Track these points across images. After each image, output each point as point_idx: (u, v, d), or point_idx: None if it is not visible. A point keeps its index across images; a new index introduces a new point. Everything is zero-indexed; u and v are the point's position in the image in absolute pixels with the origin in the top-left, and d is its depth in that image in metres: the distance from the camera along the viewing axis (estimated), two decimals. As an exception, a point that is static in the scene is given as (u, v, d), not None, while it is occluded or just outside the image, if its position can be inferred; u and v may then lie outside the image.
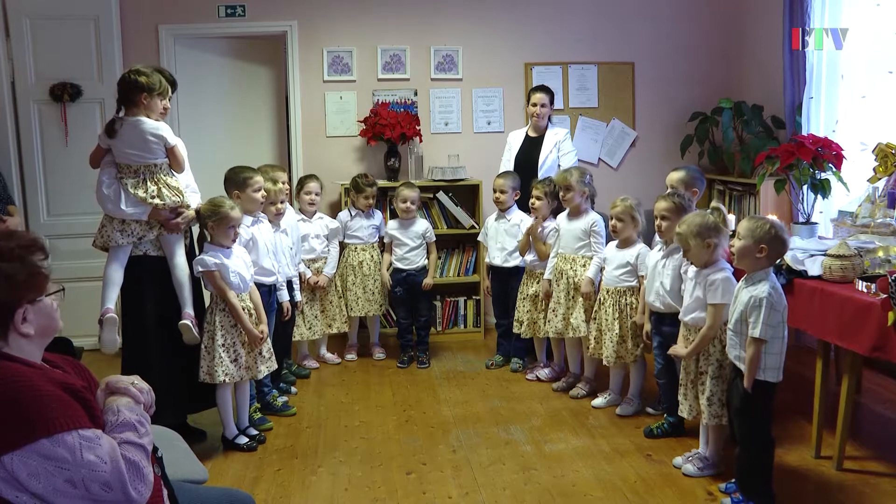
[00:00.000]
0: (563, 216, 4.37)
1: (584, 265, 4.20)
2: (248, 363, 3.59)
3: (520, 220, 4.64)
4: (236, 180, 3.81)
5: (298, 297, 4.39)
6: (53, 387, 1.57)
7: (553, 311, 4.30)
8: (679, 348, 3.29)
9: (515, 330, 4.61)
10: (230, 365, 3.53)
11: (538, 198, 4.44)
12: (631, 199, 3.95)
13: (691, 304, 3.24)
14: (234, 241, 3.56)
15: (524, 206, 4.67)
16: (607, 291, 3.98)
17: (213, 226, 3.50)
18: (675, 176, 3.89)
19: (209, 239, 3.57)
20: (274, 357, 3.75)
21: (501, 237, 4.72)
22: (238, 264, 3.57)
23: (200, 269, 3.47)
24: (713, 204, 3.07)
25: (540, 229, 4.45)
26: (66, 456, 1.50)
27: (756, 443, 2.90)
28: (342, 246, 4.94)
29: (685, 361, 3.28)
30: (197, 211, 3.55)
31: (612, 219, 3.96)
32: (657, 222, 3.56)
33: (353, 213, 4.94)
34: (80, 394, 1.63)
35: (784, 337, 2.84)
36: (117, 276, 3.46)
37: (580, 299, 4.17)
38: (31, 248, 1.70)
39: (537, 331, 4.50)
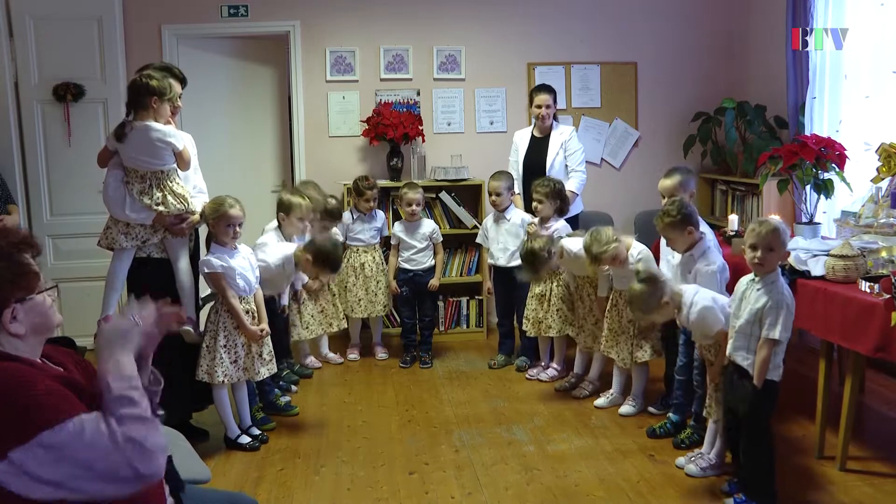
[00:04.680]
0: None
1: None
2: (247, 364, 3.60)
3: (520, 220, 4.64)
4: (282, 203, 4.18)
5: (285, 299, 4.39)
6: (50, 381, 1.58)
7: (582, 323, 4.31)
8: (713, 372, 3.22)
9: (524, 328, 4.60)
10: (230, 366, 3.54)
11: (539, 201, 4.42)
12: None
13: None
14: (234, 238, 3.56)
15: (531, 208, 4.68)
16: (619, 294, 3.97)
17: (214, 224, 3.51)
18: (667, 184, 3.84)
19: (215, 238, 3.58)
20: (274, 360, 3.76)
21: (503, 237, 4.71)
22: (244, 265, 3.57)
23: (206, 271, 3.47)
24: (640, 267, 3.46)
25: (544, 230, 4.44)
26: (68, 442, 1.51)
27: (761, 442, 2.90)
28: (344, 247, 4.93)
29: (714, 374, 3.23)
30: (203, 210, 3.56)
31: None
32: (665, 244, 3.51)
33: (354, 216, 4.94)
34: (77, 385, 1.64)
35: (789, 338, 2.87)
36: (119, 281, 3.48)
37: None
38: (20, 246, 1.67)
39: (543, 330, 4.49)
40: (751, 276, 2.95)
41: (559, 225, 4.42)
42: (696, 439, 3.48)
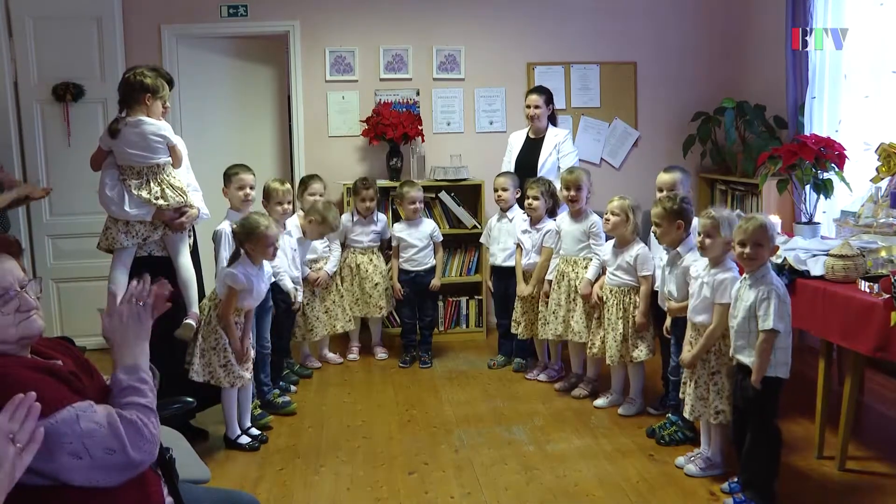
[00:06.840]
0: (563, 217, 4.36)
1: (586, 267, 4.19)
2: (240, 372, 3.57)
3: (518, 221, 4.64)
4: (226, 174, 4.00)
5: (300, 297, 4.38)
6: (38, 373, 1.60)
7: (553, 313, 4.29)
8: (686, 356, 3.23)
9: (513, 331, 4.59)
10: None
11: (535, 197, 4.43)
12: (629, 198, 3.96)
13: (699, 305, 3.19)
14: (274, 256, 3.60)
15: (523, 206, 4.68)
16: (610, 291, 3.98)
17: (252, 248, 3.49)
18: (665, 178, 3.90)
19: (244, 253, 3.52)
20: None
21: (504, 237, 4.71)
22: (262, 280, 3.58)
23: (228, 284, 3.44)
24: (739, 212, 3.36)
25: (535, 232, 4.45)
26: (65, 430, 1.53)
27: (766, 442, 2.90)
28: (343, 247, 4.94)
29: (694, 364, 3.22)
30: (233, 231, 3.56)
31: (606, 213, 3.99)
32: (653, 229, 3.56)
33: (354, 218, 4.94)
34: (72, 377, 1.65)
35: (791, 332, 2.86)
36: (122, 280, 3.46)
37: (580, 302, 4.17)
38: None
39: (535, 332, 4.49)
40: (743, 276, 2.96)
41: (551, 226, 4.41)
42: (680, 438, 3.54)
